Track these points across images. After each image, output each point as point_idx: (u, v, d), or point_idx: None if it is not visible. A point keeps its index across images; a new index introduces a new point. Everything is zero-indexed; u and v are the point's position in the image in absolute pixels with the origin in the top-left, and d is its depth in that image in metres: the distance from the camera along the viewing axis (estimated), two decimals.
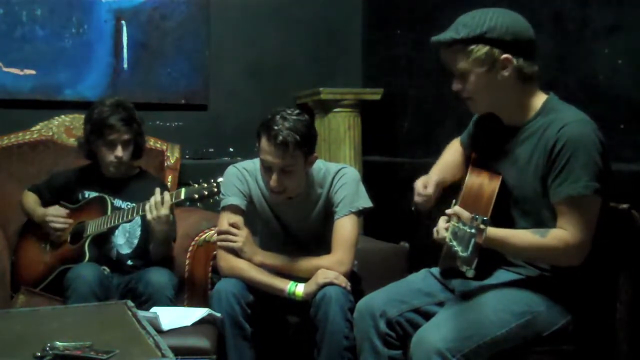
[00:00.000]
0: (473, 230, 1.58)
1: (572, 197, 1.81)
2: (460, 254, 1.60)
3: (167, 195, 2.54)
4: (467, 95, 1.96)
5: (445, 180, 2.15)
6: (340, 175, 2.45)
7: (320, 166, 2.49)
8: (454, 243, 1.64)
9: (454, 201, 2.11)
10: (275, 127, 2.25)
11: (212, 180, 2.52)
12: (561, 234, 1.82)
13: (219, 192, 2.49)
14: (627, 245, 1.92)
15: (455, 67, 1.93)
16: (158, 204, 2.51)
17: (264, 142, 2.30)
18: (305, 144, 2.30)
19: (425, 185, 2.10)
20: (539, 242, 1.83)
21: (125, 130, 2.72)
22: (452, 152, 2.26)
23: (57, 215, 2.75)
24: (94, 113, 2.73)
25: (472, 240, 1.57)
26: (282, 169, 2.29)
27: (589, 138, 1.83)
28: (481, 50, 1.87)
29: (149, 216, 2.53)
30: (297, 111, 2.34)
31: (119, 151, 2.72)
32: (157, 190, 2.56)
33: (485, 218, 1.61)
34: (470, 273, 1.60)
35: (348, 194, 2.42)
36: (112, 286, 2.62)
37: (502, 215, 1.92)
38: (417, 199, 2.10)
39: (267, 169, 2.34)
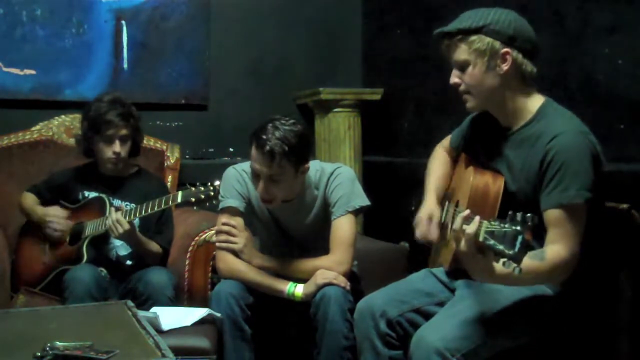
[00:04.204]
0: (518, 227, 1.53)
1: (563, 206, 1.78)
2: (507, 252, 1.53)
3: (119, 214, 2.55)
4: (464, 89, 1.96)
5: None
6: (335, 176, 2.45)
7: (317, 167, 2.48)
8: (493, 242, 1.57)
9: (447, 203, 2.11)
10: (264, 137, 2.26)
11: (210, 184, 2.52)
12: (557, 251, 1.77)
13: (216, 195, 2.49)
14: (627, 245, 1.92)
15: (456, 58, 1.93)
16: (116, 223, 2.53)
17: (253, 150, 2.30)
18: (294, 154, 2.28)
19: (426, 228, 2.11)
20: (539, 267, 1.74)
21: (123, 126, 2.71)
22: (440, 163, 2.26)
23: (57, 216, 2.75)
24: (92, 109, 2.73)
25: (520, 237, 1.51)
26: (269, 177, 2.30)
27: (580, 148, 1.81)
28: (482, 41, 1.88)
29: (114, 234, 2.56)
30: (292, 120, 2.32)
31: (117, 147, 2.72)
32: (112, 210, 2.58)
33: (528, 215, 1.54)
34: (517, 271, 1.53)
35: (344, 193, 2.42)
36: (109, 287, 2.62)
37: (502, 215, 1.91)
38: (420, 239, 2.12)
39: (256, 176, 2.34)
